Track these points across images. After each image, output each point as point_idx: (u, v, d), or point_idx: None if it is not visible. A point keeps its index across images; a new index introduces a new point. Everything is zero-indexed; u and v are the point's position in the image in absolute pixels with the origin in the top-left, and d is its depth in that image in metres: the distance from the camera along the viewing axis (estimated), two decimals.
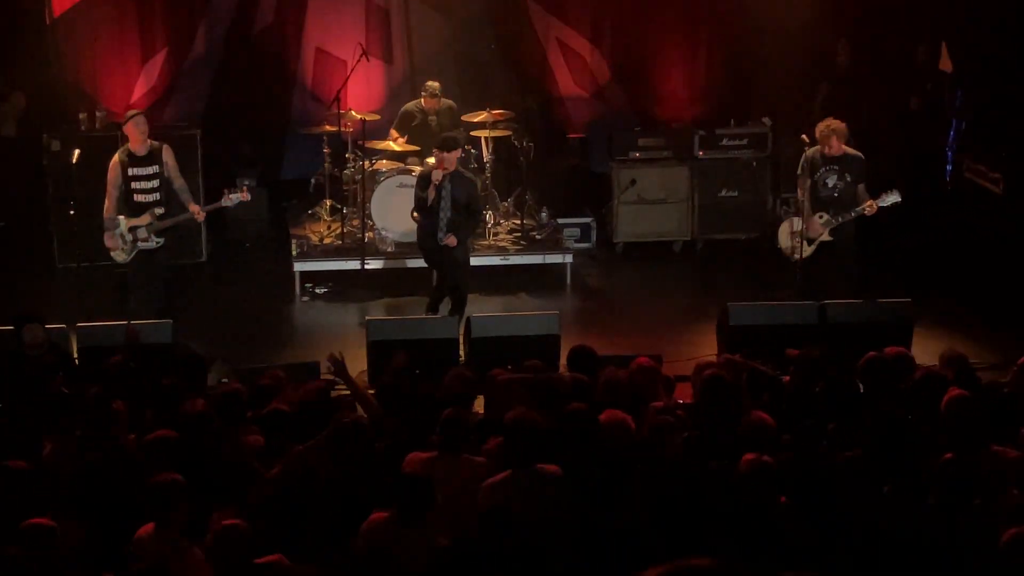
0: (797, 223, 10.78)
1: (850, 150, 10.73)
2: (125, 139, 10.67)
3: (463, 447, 6.69)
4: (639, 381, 7.62)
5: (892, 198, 10.57)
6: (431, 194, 10.42)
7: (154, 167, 10.45)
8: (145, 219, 10.42)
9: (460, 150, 10.88)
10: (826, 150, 10.66)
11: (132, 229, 10.41)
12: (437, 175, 10.43)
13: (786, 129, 13.21)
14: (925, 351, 10.02)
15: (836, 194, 10.70)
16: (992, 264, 11.96)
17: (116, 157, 10.42)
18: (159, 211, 10.45)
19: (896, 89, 13.64)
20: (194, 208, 10.59)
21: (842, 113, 11.17)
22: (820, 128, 10.71)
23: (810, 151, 10.80)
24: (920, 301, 10.47)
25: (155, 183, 10.45)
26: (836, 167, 10.71)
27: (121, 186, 10.37)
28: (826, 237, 10.73)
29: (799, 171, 10.85)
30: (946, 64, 13.55)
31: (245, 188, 10.89)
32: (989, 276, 11.77)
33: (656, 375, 7.89)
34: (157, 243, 10.50)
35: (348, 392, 7.90)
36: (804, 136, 11.89)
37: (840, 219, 10.69)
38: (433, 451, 6.68)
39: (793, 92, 13.63)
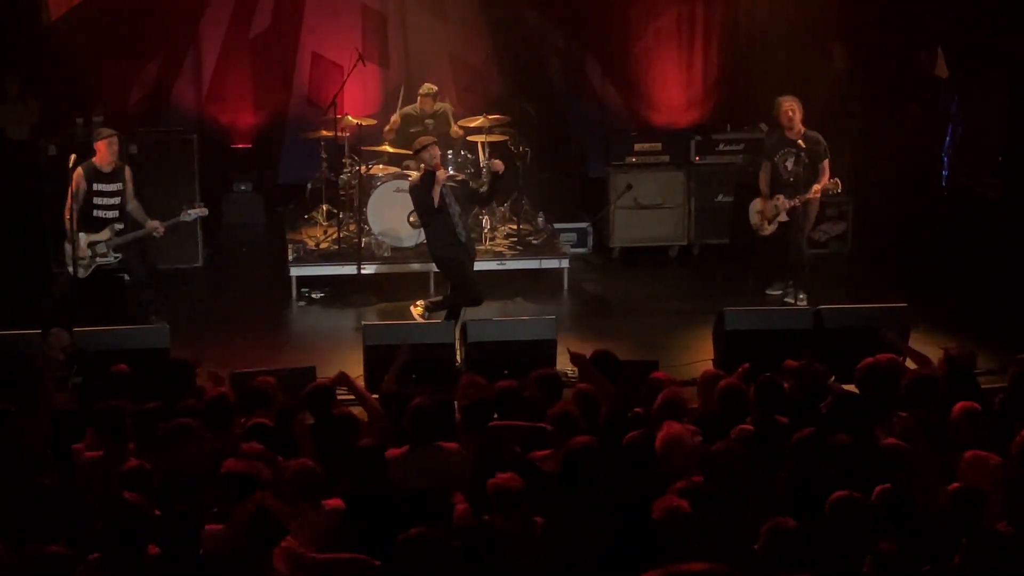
0: (759, 203, 11.72)
1: (810, 132, 11.33)
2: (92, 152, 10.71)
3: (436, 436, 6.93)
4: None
5: (829, 186, 11.30)
6: (436, 195, 10.42)
7: (117, 184, 10.65)
8: (105, 235, 10.61)
9: (435, 146, 10.79)
10: (786, 132, 11.34)
11: (91, 245, 10.58)
12: (442, 174, 10.43)
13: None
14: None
15: (791, 179, 11.35)
16: (989, 269, 11.96)
17: (80, 170, 10.48)
18: (118, 227, 10.64)
19: (892, 93, 13.65)
20: (152, 224, 10.73)
21: (840, 118, 11.24)
22: (776, 105, 11.43)
23: (772, 134, 11.66)
24: (917, 306, 10.47)
25: (117, 200, 10.66)
26: (794, 150, 11.31)
27: (82, 200, 10.45)
28: (783, 218, 11.45)
29: (760, 154, 11.84)
30: (942, 69, 13.55)
31: (202, 205, 11.03)
32: (986, 281, 11.77)
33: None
34: (115, 258, 10.68)
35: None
36: (762, 125, 12.36)
37: (794, 202, 11.34)
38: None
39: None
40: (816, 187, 11.31)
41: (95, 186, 10.49)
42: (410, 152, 12.41)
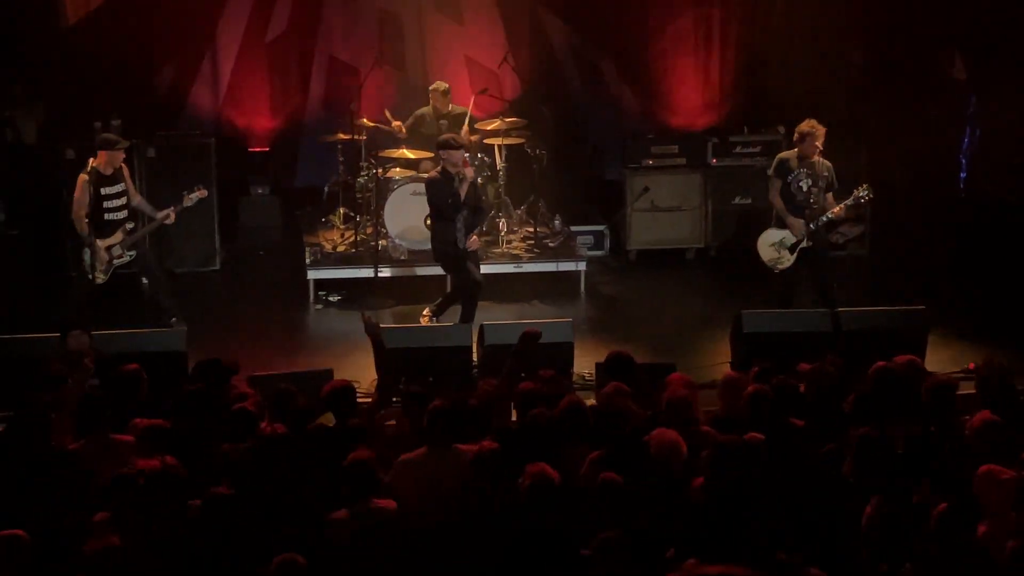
0: (774, 234, 10.78)
1: (822, 158, 10.67)
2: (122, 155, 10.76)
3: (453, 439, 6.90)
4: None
5: (862, 193, 10.67)
6: (463, 190, 10.54)
7: (120, 185, 10.70)
8: (118, 236, 10.67)
9: (460, 150, 10.84)
10: (802, 151, 10.61)
11: (108, 249, 10.60)
12: (470, 172, 10.61)
13: None
14: (939, 359, 10.03)
15: (812, 199, 10.62)
16: (1006, 272, 11.92)
17: (84, 177, 10.51)
18: (129, 226, 10.74)
19: (910, 96, 13.61)
20: (162, 213, 10.81)
21: (857, 120, 11.17)
22: (802, 127, 10.63)
23: (785, 153, 10.86)
24: (935, 309, 10.45)
25: (124, 200, 10.71)
26: (809, 171, 10.62)
27: (91, 205, 10.48)
28: (806, 243, 10.68)
29: (770, 172, 10.97)
30: (960, 71, 13.52)
31: (200, 188, 10.99)
32: (1003, 284, 11.73)
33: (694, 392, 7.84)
34: (130, 256, 10.76)
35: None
36: (779, 127, 12.01)
37: (815, 224, 10.65)
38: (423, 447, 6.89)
39: (807, 99, 13.60)
40: (839, 206, 10.64)
41: (102, 190, 10.53)
42: (428, 154, 12.46)
